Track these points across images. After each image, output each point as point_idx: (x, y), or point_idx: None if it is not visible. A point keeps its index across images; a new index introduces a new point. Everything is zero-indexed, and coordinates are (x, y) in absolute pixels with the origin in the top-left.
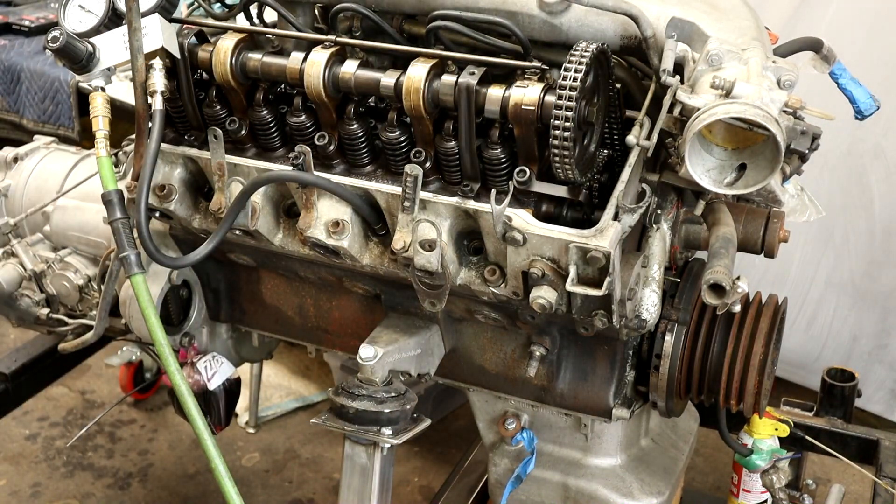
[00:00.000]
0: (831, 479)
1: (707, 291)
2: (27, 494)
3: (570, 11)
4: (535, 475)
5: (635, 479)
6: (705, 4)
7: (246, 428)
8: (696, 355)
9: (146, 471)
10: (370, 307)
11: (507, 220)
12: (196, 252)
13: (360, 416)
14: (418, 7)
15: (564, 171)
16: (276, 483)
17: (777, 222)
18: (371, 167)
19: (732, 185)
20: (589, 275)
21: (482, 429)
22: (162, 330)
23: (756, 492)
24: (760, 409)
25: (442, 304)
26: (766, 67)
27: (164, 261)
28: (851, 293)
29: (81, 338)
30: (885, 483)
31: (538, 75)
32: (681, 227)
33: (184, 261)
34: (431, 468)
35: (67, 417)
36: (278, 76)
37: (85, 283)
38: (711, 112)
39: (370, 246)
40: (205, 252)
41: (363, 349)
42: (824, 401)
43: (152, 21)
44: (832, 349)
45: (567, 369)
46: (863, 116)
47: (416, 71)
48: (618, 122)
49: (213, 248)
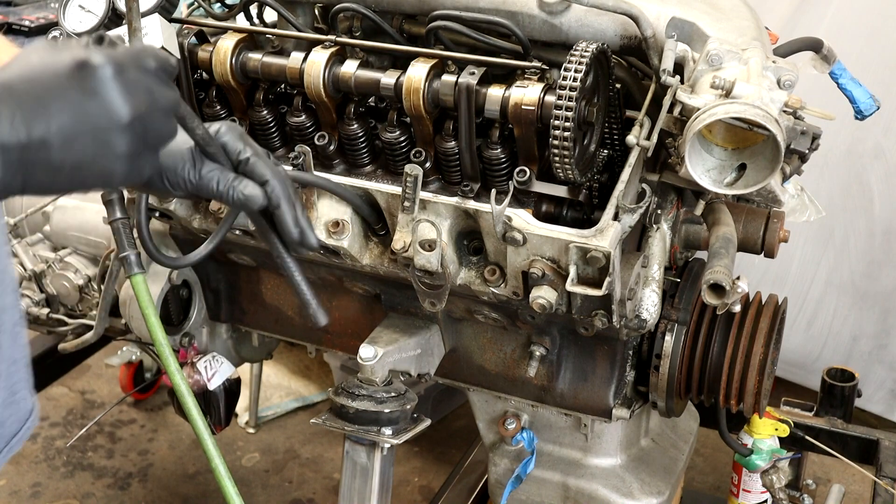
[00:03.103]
0: (831, 479)
1: (707, 291)
2: (27, 494)
3: (570, 11)
4: (535, 475)
5: (635, 479)
6: (705, 4)
7: (246, 428)
8: (696, 355)
9: (146, 471)
10: (370, 307)
11: (507, 220)
12: (196, 252)
13: (360, 416)
14: (418, 7)
15: (564, 171)
16: (276, 483)
17: (777, 222)
18: (371, 167)
19: (732, 185)
20: (589, 275)
21: (482, 429)
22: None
23: (756, 492)
24: (760, 409)
25: (442, 304)
26: (766, 67)
27: (164, 261)
28: (851, 293)
29: (81, 338)
30: (885, 483)
31: (538, 75)
32: (681, 227)
33: (184, 261)
34: (431, 468)
35: (67, 417)
36: (278, 76)
37: (85, 283)
38: (711, 112)
39: (370, 246)
40: (205, 252)
41: (363, 349)
42: (824, 401)
43: (152, 21)
44: (832, 349)
45: (567, 369)
46: (863, 116)
47: (416, 71)
48: (618, 122)
49: (213, 248)
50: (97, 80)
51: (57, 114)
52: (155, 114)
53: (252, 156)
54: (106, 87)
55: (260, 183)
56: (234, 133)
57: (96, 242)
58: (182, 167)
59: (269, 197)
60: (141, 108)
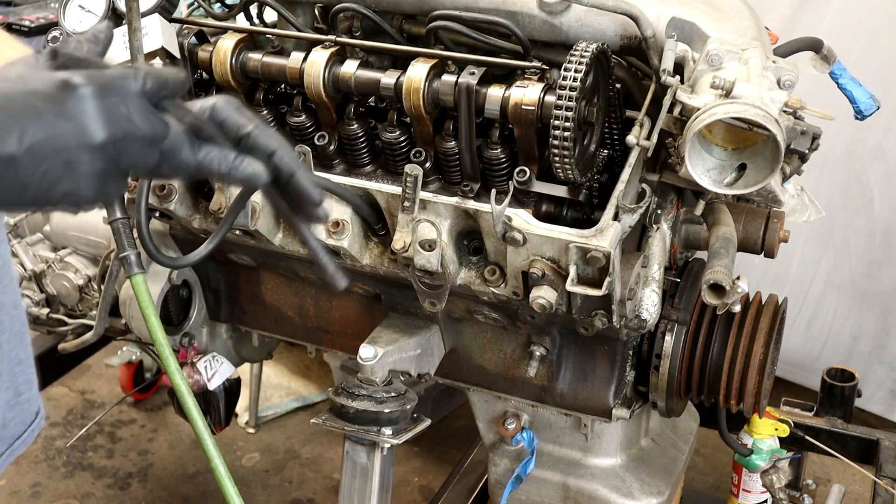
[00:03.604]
0: (831, 479)
1: (707, 291)
2: (27, 494)
3: (570, 11)
4: (535, 475)
5: (635, 479)
6: (705, 4)
7: (246, 428)
8: (696, 355)
9: (146, 471)
10: (370, 307)
11: (507, 220)
12: (196, 252)
13: (360, 416)
14: (418, 7)
15: (564, 171)
16: (276, 483)
17: (777, 222)
18: (371, 167)
19: (732, 185)
20: (589, 275)
21: (482, 429)
22: (162, 330)
23: (756, 492)
24: (760, 409)
25: (442, 304)
26: (766, 67)
27: (164, 261)
28: (851, 293)
29: (81, 338)
30: (885, 483)
31: (538, 75)
32: (681, 227)
33: (184, 261)
34: (431, 468)
35: (67, 417)
36: (278, 76)
37: (85, 283)
38: (711, 112)
39: (370, 246)
40: (205, 252)
41: (363, 349)
42: (824, 401)
43: (152, 21)
44: (832, 349)
45: (567, 369)
46: (863, 116)
47: (416, 71)
48: (618, 122)
49: (213, 248)
50: (75, 100)
51: (29, 131)
52: (132, 141)
53: (254, 129)
54: (83, 107)
55: (267, 154)
56: (232, 107)
57: (96, 242)
58: (179, 151)
59: (279, 167)
60: (117, 132)
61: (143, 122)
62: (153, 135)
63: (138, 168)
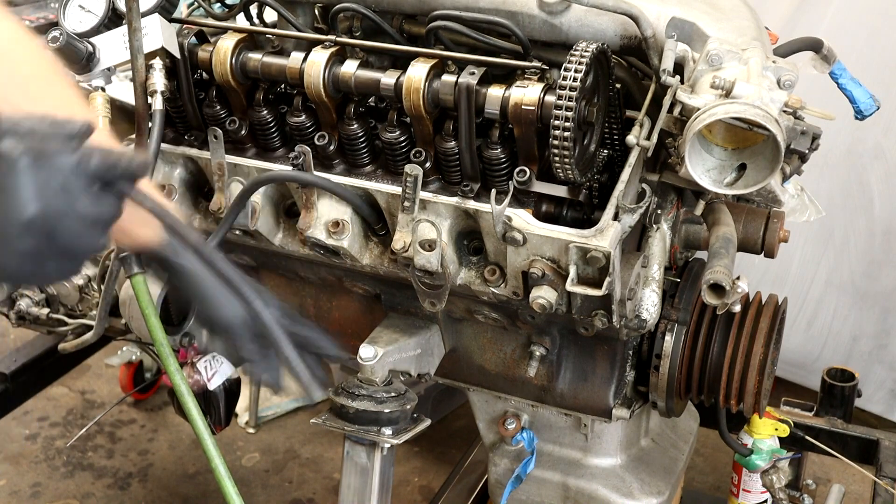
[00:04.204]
0: (831, 479)
1: (707, 291)
2: (27, 494)
3: (570, 11)
4: (535, 475)
5: (635, 479)
6: (705, 4)
7: (246, 428)
8: (696, 355)
9: (146, 471)
10: (370, 307)
11: (507, 220)
12: None
13: (360, 416)
14: (418, 7)
15: (564, 171)
16: (276, 483)
17: (777, 222)
18: (371, 167)
19: (732, 185)
20: (589, 275)
21: (482, 429)
22: (162, 330)
23: (756, 492)
24: (760, 409)
25: (442, 304)
26: (766, 67)
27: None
28: (851, 293)
29: (81, 338)
30: (885, 483)
31: (538, 75)
32: (681, 227)
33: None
34: (431, 468)
35: (67, 417)
36: (278, 76)
37: (85, 283)
38: (711, 112)
39: (370, 246)
40: None
41: (363, 349)
42: (824, 401)
43: (152, 21)
44: (832, 349)
45: (567, 369)
46: (863, 116)
47: (416, 71)
48: (618, 122)
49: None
50: (8, 170)
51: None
52: (70, 219)
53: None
54: (15, 179)
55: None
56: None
57: None
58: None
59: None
60: (50, 208)
61: (89, 201)
62: (99, 215)
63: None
